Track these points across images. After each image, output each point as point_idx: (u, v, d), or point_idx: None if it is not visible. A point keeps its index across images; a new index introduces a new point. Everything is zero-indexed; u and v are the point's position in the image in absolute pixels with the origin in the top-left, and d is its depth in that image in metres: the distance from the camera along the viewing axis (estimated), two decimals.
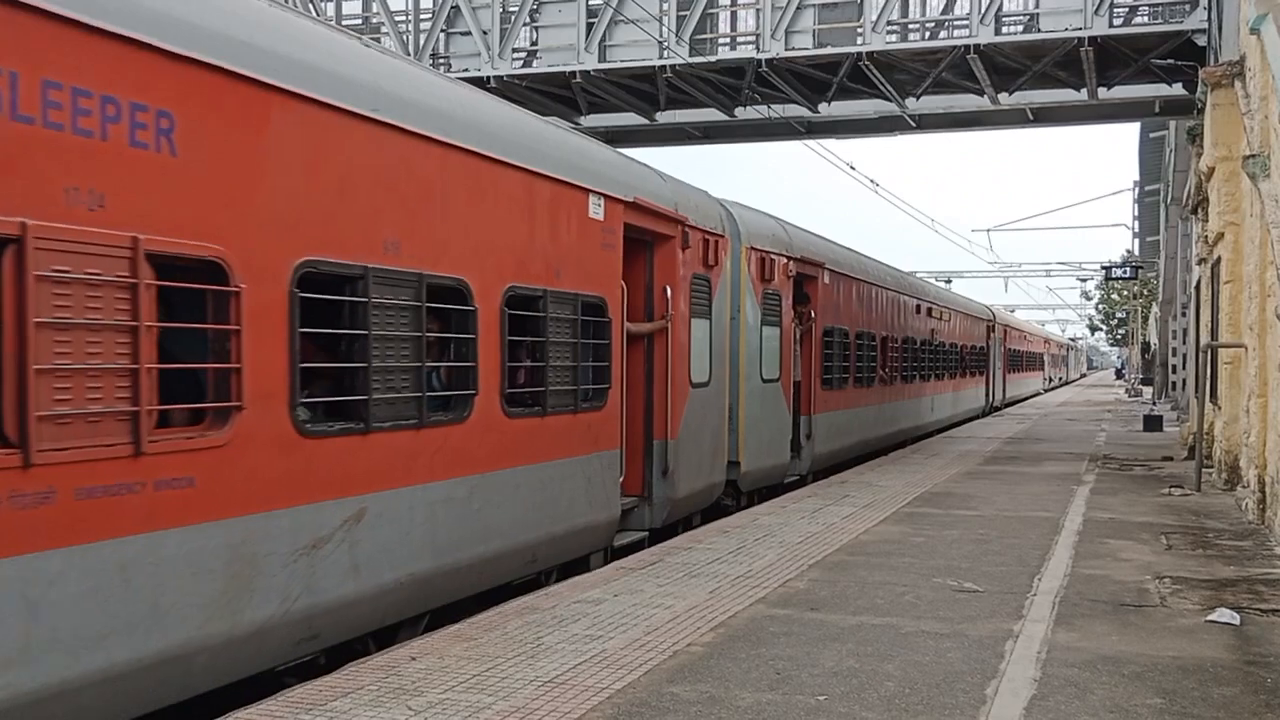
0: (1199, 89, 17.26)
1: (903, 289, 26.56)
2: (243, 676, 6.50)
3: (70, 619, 5.35)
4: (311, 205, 6.88)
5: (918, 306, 27.83)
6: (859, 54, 21.13)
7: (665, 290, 12.19)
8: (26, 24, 5.16)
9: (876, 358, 22.83)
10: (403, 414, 7.68)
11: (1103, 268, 51.93)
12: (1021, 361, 54.34)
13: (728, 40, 23.00)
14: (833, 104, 24.39)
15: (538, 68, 23.00)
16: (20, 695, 5.13)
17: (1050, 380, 72.35)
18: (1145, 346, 63.43)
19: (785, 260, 16.62)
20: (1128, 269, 49.13)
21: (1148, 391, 51.85)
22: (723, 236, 13.97)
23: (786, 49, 21.60)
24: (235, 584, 6.30)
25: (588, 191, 10.36)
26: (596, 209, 10.50)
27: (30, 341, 5.15)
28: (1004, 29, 21.12)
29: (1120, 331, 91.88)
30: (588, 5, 22.18)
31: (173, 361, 5.99)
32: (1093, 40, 19.91)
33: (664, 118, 25.29)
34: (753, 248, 15.37)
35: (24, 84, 5.13)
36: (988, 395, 40.44)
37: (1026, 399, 53.16)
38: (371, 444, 7.38)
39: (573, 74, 22.32)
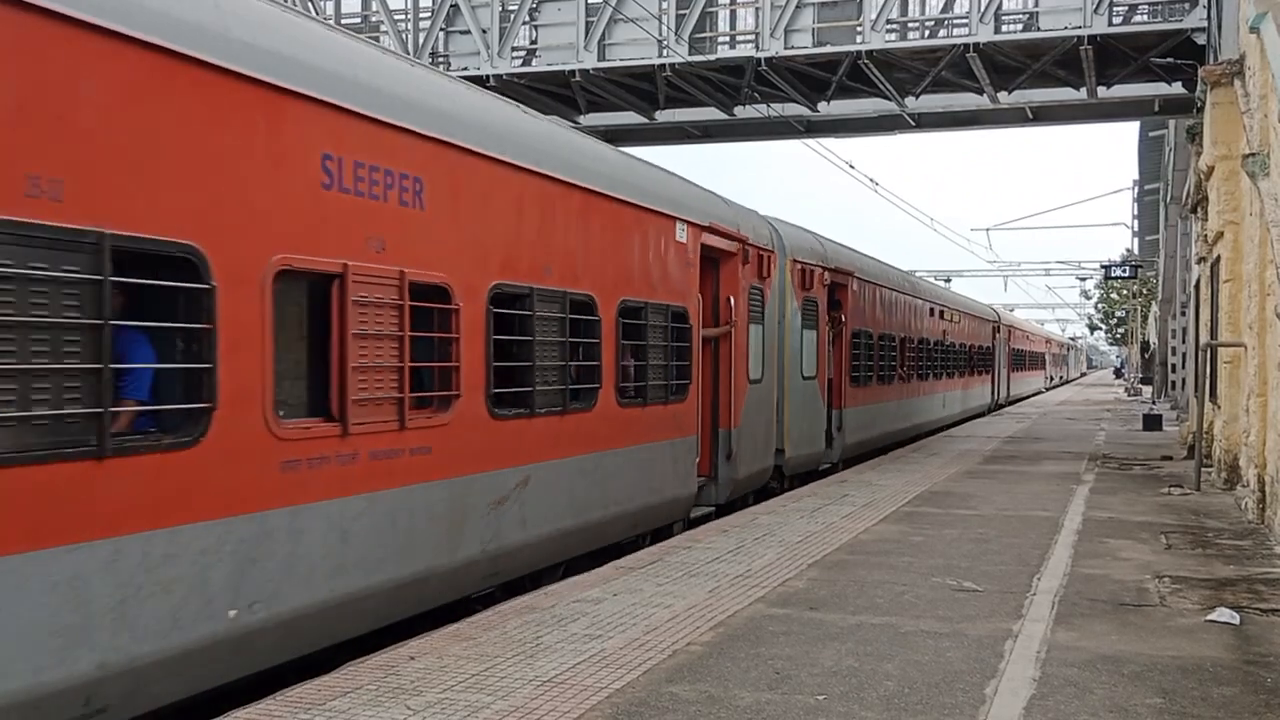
0: (1198, 88, 17.25)
1: (918, 294, 28.24)
2: (453, 600, 8.68)
3: (365, 546, 7.50)
4: (500, 243, 9.12)
5: (931, 310, 29.44)
6: (858, 53, 21.12)
7: (729, 300, 14.22)
8: (343, 121, 7.27)
9: (896, 358, 24.70)
10: (554, 403, 9.90)
11: (1102, 267, 51.95)
12: (1025, 361, 56.42)
13: (727, 39, 23.00)
14: (832, 103, 24.38)
15: (537, 66, 22.99)
16: (339, 598, 7.32)
17: (1051, 379, 74.76)
18: (1144, 345, 63.43)
19: (821, 270, 18.57)
20: (1127, 268, 49.14)
21: (1147, 391, 51.86)
22: (772, 252, 15.90)
23: (786, 48, 21.58)
24: (454, 528, 8.56)
25: (675, 219, 12.51)
26: (681, 234, 12.67)
27: (349, 347, 7.28)
28: (1003, 28, 21.11)
29: (1119, 331, 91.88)
30: (587, 4, 22.17)
31: (420, 362, 8.07)
32: (1092, 39, 19.90)
33: (663, 116, 25.27)
34: (795, 260, 17.24)
35: (345, 165, 7.28)
36: (994, 393, 42.36)
37: (1029, 397, 54.97)
38: (535, 425, 9.62)
39: (572, 73, 22.31)
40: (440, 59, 22.92)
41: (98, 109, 5.63)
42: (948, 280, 59.79)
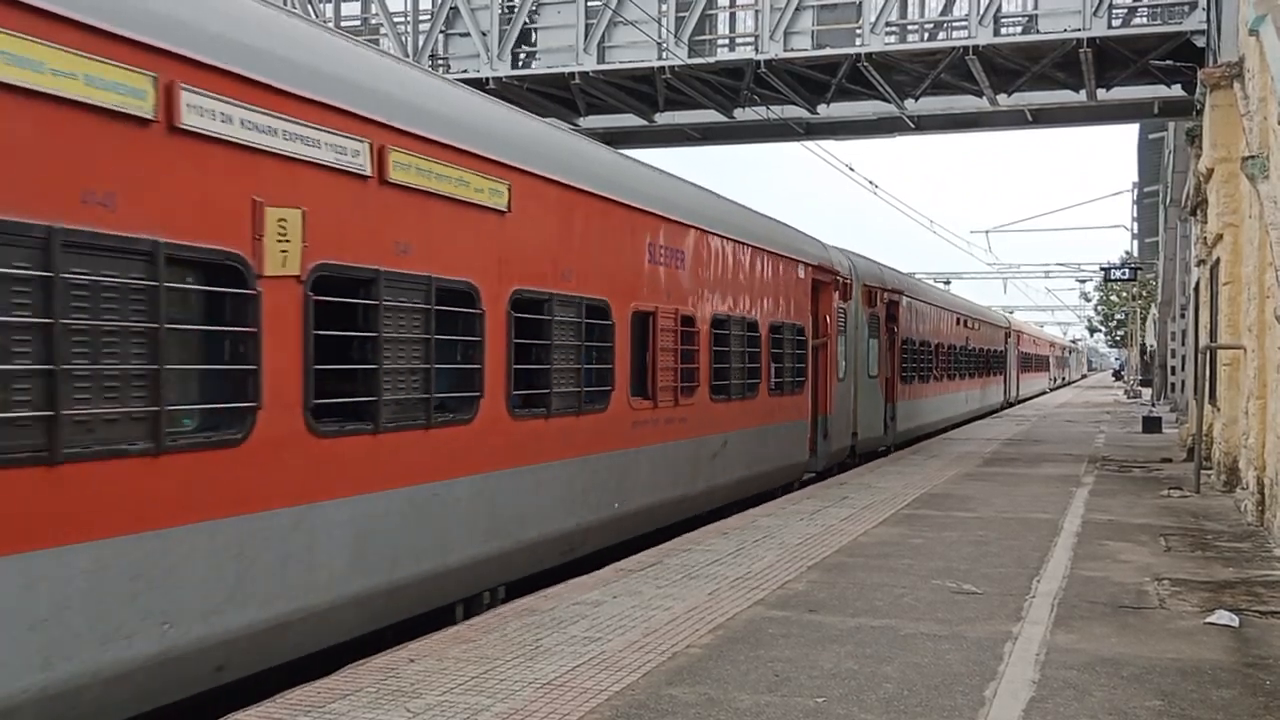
0: (1198, 90, 17.26)
1: (947, 305, 33.39)
2: (691, 515, 13.37)
3: (658, 475, 12.41)
4: (725, 290, 14.21)
5: (957, 320, 34.12)
6: (858, 55, 21.12)
7: (826, 317, 19.08)
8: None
9: (933, 361, 29.37)
10: (740, 392, 14.65)
11: (1101, 269, 51.91)
12: (1032, 363, 61.90)
13: (726, 41, 23.00)
14: (831, 105, 24.38)
15: (536, 69, 22.99)
16: (651, 505, 11.90)
17: (1055, 380, 79.98)
18: (1144, 348, 63.42)
19: (881, 291, 23.24)
20: (1126, 270, 49.09)
21: (1146, 393, 51.85)
22: (850, 279, 20.67)
23: (785, 50, 21.59)
24: (694, 469, 13.26)
25: (799, 263, 17.55)
26: (802, 273, 17.70)
27: (658, 356, 12.18)
28: (1003, 30, 21.11)
29: (1119, 333, 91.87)
30: (586, 6, 22.17)
31: (686, 364, 13.06)
32: (1091, 41, 19.90)
33: (663, 119, 25.27)
34: (864, 284, 21.89)
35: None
36: (1006, 392, 46.92)
37: (1035, 396, 59.63)
38: (731, 406, 14.43)
39: (571, 75, 22.31)
40: (440, 61, 22.93)
41: None
42: (947, 283, 59.75)
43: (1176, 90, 22.24)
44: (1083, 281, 79.77)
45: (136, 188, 5.88)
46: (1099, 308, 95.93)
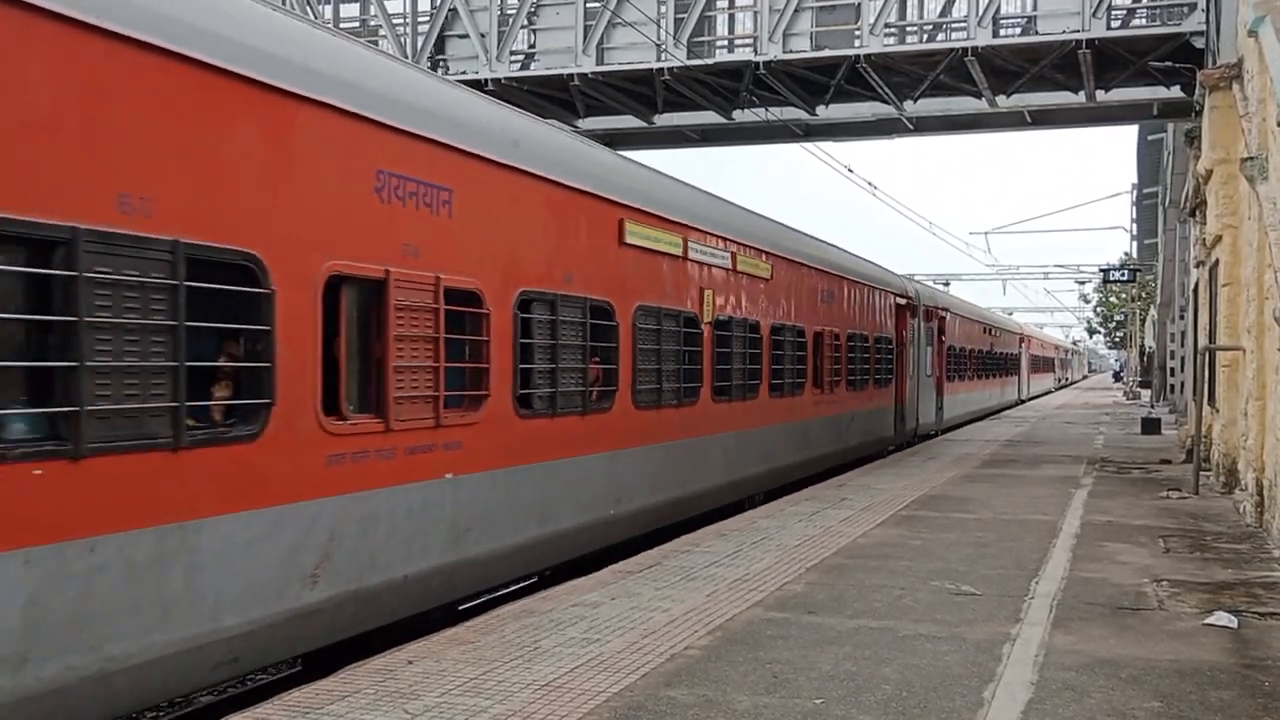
0: (1197, 91, 17.26)
1: (978, 317, 41.03)
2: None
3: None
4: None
5: (984, 329, 41.60)
6: (856, 56, 21.11)
7: (903, 332, 26.09)
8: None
9: (968, 363, 36.88)
10: (858, 385, 21.13)
11: (1101, 270, 51.93)
12: (1040, 364, 69.12)
13: (725, 43, 22.98)
14: (830, 106, 24.36)
15: (535, 70, 22.98)
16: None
17: (1060, 380, 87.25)
18: (1143, 349, 63.44)
19: (935, 309, 30.39)
20: (1126, 272, 49.09)
21: (1146, 394, 51.83)
22: (916, 301, 27.71)
23: (784, 51, 21.57)
24: (840, 436, 20.66)
25: (888, 292, 24.78)
26: (891, 300, 25.02)
27: (823, 358, 19.56)
28: (1002, 31, 21.10)
29: (1118, 334, 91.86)
30: (585, 8, 22.17)
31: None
32: (1090, 43, 19.89)
33: (662, 120, 25.25)
34: (923, 305, 28.69)
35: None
36: (1019, 390, 53.86)
37: (1043, 395, 65.96)
38: (855, 394, 21.01)
39: (570, 76, 22.30)
40: (439, 62, 22.93)
41: None
42: (946, 284, 59.80)
43: (1176, 91, 22.23)
44: (1082, 283, 79.81)
45: (677, 285, 13.23)
46: (1098, 309, 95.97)
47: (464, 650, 7.04)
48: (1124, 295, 73.67)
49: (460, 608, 9.43)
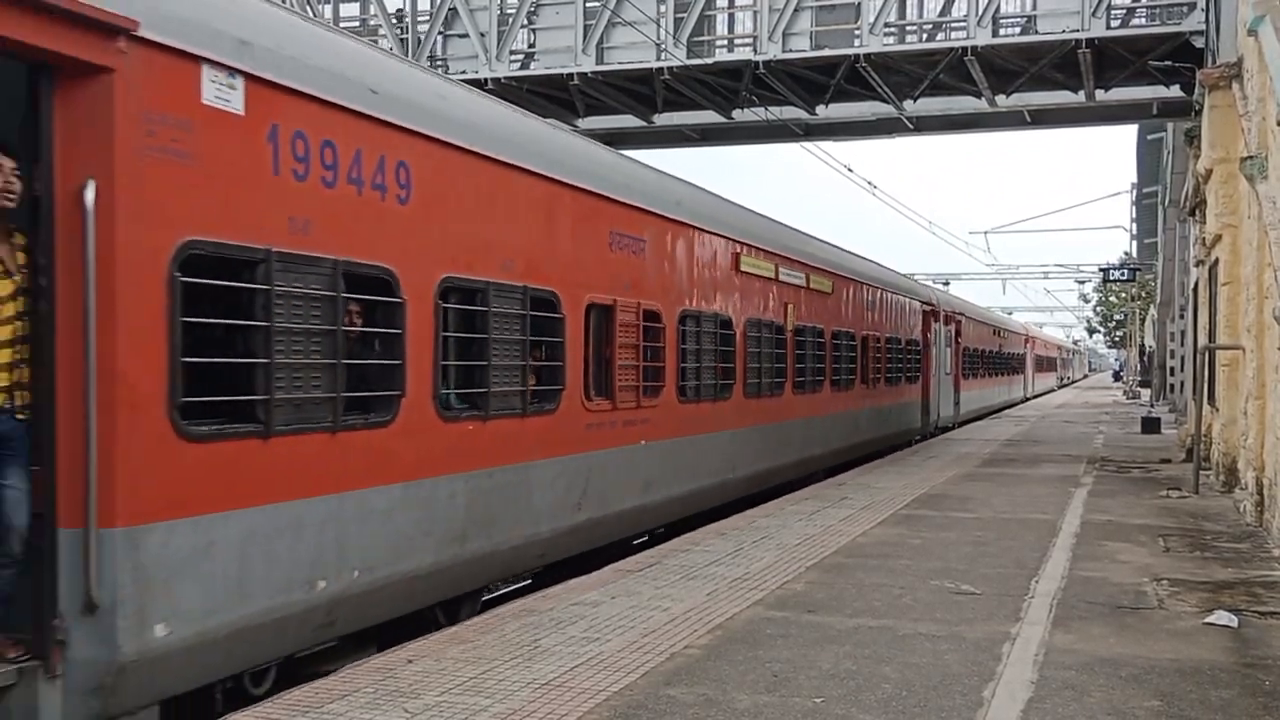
0: (1197, 91, 17.26)
1: (988, 320, 45.23)
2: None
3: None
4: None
5: (994, 330, 45.37)
6: (856, 56, 21.10)
7: (928, 335, 29.28)
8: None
9: (980, 363, 40.30)
10: (894, 380, 24.81)
11: (1100, 270, 51.94)
12: (1043, 364, 72.26)
13: (725, 42, 22.99)
14: (830, 106, 24.36)
15: (535, 70, 22.98)
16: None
17: (1061, 379, 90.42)
18: (1143, 349, 63.47)
19: (953, 314, 33.76)
20: (1125, 271, 49.08)
21: (1145, 393, 51.83)
22: (939, 308, 31.05)
23: (784, 51, 21.57)
24: (880, 424, 24.13)
25: (921, 301, 28.84)
26: (921, 308, 28.60)
27: (869, 359, 22.74)
28: (1001, 31, 21.10)
29: (1118, 334, 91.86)
30: (585, 7, 22.16)
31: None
32: (1090, 42, 19.89)
33: (661, 120, 25.25)
34: (943, 310, 31.96)
35: None
36: (1024, 388, 57.33)
37: (1046, 393, 69.08)
38: (894, 388, 25.00)
39: (570, 76, 22.30)
40: (439, 62, 22.93)
41: None
42: (946, 284, 59.84)
43: (1175, 91, 22.23)
44: (1081, 282, 79.84)
45: (771, 301, 16.48)
46: (1098, 309, 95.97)
47: (464, 649, 7.04)
48: (1123, 294, 73.67)
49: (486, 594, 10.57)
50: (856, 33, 21.35)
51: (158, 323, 5.91)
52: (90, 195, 5.57)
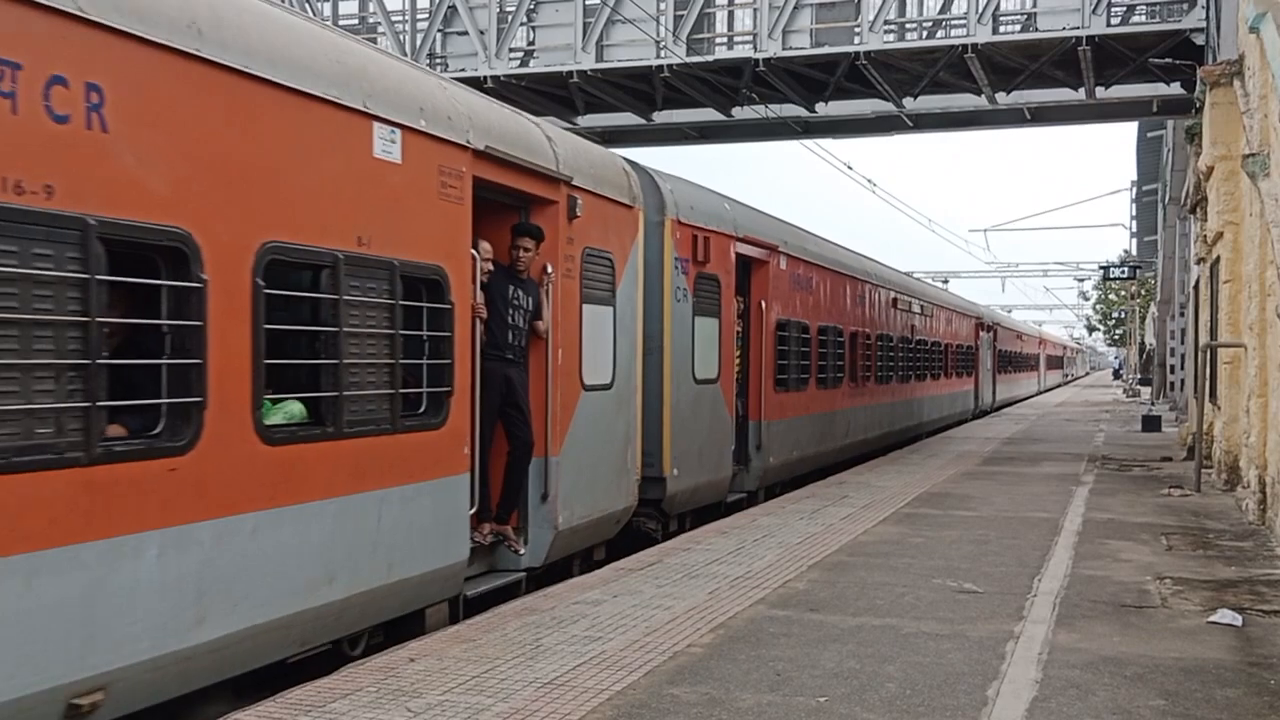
0: (1197, 88, 17.23)
1: (1014, 327, 54.65)
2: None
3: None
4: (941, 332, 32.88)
5: (1017, 335, 54.70)
6: (856, 53, 21.10)
7: (977, 340, 37.52)
8: None
9: (1008, 361, 48.60)
10: (958, 374, 34.28)
11: (1100, 268, 51.99)
12: (1052, 362, 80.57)
13: (725, 40, 22.99)
14: (830, 103, 24.37)
15: (534, 67, 22.96)
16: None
17: (1066, 375, 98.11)
18: (1143, 346, 63.54)
19: (992, 323, 42.39)
20: (1125, 269, 49.12)
21: (1146, 392, 51.83)
22: (984, 319, 39.80)
23: (784, 48, 21.57)
24: (947, 405, 32.74)
25: (971, 316, 37.79)
26: (971, 319, 37.69)
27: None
28: (1001, 28, 21.10)
29: (1118, 332, 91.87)
30: (585, 5, 22.14)
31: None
32: (1090, 39, 19.89)
33: (661, 118, 25.25)
34: (986, 321, 40.78)
35: None
36: (1040, 382, 66.15)
37: (1055, 387, 76.41)
38: (950, 380, 32.78)
39: (569, 74, 22.28)
40: (438, 60, 22.90)
41: None
42: (945, 281, 59.87)
43: (1175, 88, 22.22)
44: (1081, 280, 79.87)
45: (881, 318, 23.90)
46: (1098, 306, 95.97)
47: (466, 648, 7.02)
48: (1123, 292, 73.73)
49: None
50: (856, 30, 21.34)
51: None
52: (550, 269, 9.67)
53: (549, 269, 9.53)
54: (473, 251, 8.41)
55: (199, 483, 5.85)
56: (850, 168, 32.10)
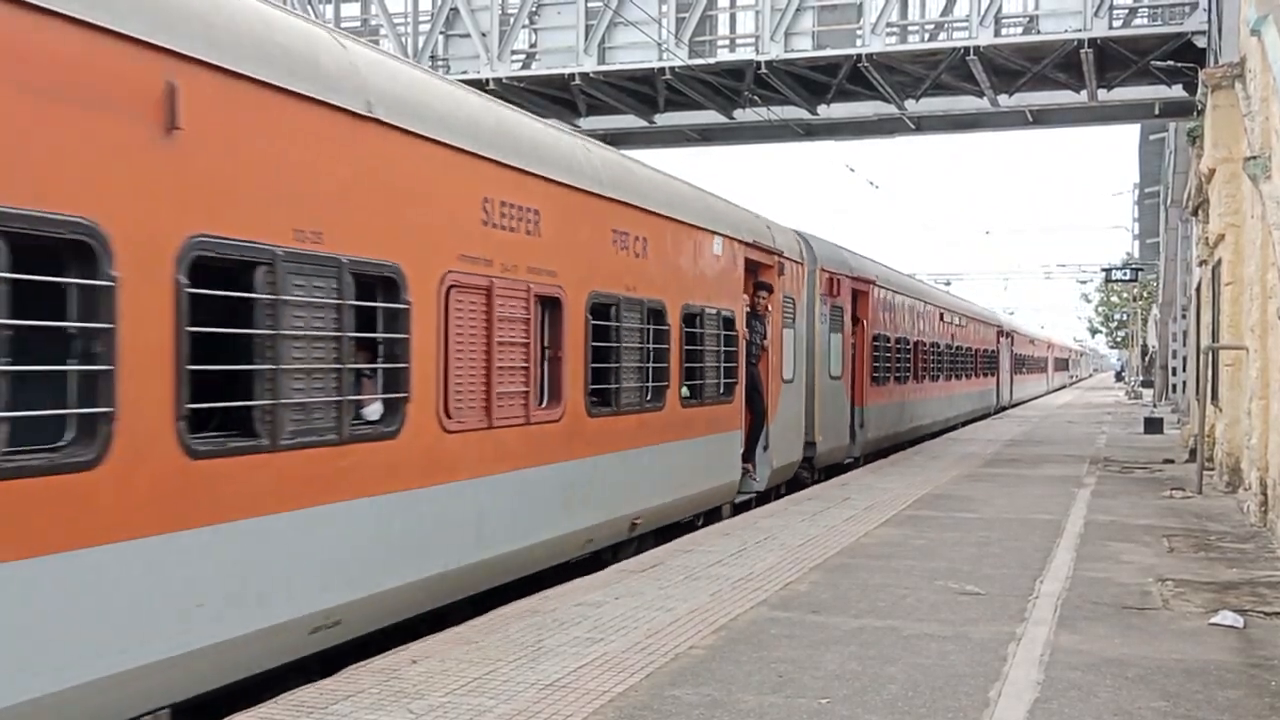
0: (1199, 90, 17.24)
1: (1028, 334, 61.71)
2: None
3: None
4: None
5: (1030, 340, 61.33)
6: (858, 56, 21.12)
7: (998, 345, 43.94)
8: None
9: (1022, 363, 55.07)
10: (985, 374, 40.83)
11: (1102, 270, 51.96)
12: (1059, 364, 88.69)
13: (727, 42, 23.00)
14: (832, 106, 24.38)
15: (536, 70, 22.98)
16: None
17: (1072, 376, 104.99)
18: (1145, 349, 63.57)
19: (1010, 330, 49.03)
20: (1127, 271, 49.11)
21: (1148, 394, 51.82)
22: (1003, 327, 46.37)
23: (786, 51, 21.59)
24: (972, 403, 38.29)
25: (992, 324, 43.40)
26: (994, 328, 43.49)
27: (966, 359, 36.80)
28: (1003, 31, 21.11)
29: (1120, 334, 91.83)
30: (587, 7, 22.16)
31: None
32: (1092, 42, 19.90)
33: (663, 120, 25.26)
34: (1007, 329, 47.89)
35: None
36: (1048, 383, 72.56)
37: (1063, 387, 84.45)
38: (975, 380, 37.98)
39: (571, 76, 22.30)
40: (440, 62, 22.92)
41: None
42: (947, 284, 59.97)
43: (1177, 91, 22.22)
44: (1083, 282, 79.83)
45: (951, 333, 33.45)
46: (1099, 309, 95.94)
47: (468, 650, 7.02)
48: (1125, 295, 73.70)
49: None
50: (858, 32, 21.35)
51: None
52: (770, 309, 15.23)
53: (769, 309, 15.17)
54: (744, 298, 14.41)
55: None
56: (852, 170, 32.20)
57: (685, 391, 12.21)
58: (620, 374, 10.57)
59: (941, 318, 30.54)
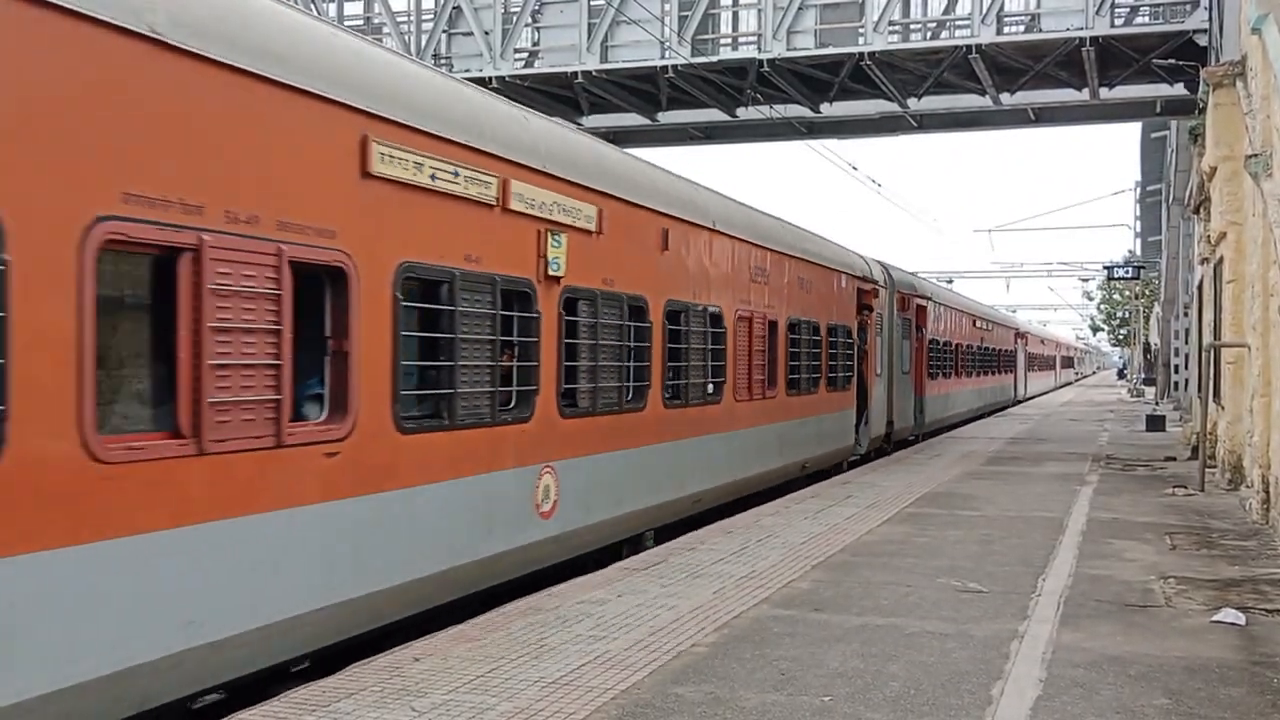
0: (1200, 89, 17.24)
1: (1039, 334, 68.34)
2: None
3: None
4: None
5: (1040, 340, 66.61)
6: (861, 54, 21.12)
7: (1014, 345, 49.83)
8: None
9: (1034, 361, 60.01)
10: (1006, 372, 46.47)
11: (1105, 268, 51.90)
12: (1068, 361, 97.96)
13: (729, 40, 23.00)
14: (834, 104, 24.38)
15: (539, 68, 22.99)
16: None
17: (1077, 373, 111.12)
18: (1147, 347, 63.53)
19: (1024, 332, 56.32)
20: (1129, 269, 49.06)
21: (1150, 392, 51.80)
22: (1019, 329, 54.37)
23: (788, 49, 21.58)
24: (995, 395, 43.84)
25: (1012, 329, 51.37)
26: (1012, 330, 50.51)
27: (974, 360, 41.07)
28: (1005, 29, 21.10)
29: (1122, 332, 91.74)
30: (589, 5, 22.16)
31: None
32: (1094, 40, 19.90)
33: (665, 118, 25.26)
34: (1023, 330, 56.14)
35: None
36: (1055, 379, 78.45)
37: (1069, 383, 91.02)
38: (993, 377, 42.10)
39: (574, 74, 22.31)
40: (443, 61, 22.93)
41: None
42: (950, 281, 59.87)
43: (1179, 89, 22.21)
44: (1085, 280, 79.71)
45: (979, 336, 39.24)
46: (1102, 307, 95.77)
47: (470, 647, 7.04)
48: (1127, 293, 73.62)
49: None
50: (861, 31, 21.35)
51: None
52: (869, 325, 21.61)
53: (869, 323, 20.52)
54: (858, 318, 19.56)
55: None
56: (855, 168, 32.16)
57: (827, 381, 18.23)
58: (800, 369, 16.63)
59: (974, 324, 36.71)
